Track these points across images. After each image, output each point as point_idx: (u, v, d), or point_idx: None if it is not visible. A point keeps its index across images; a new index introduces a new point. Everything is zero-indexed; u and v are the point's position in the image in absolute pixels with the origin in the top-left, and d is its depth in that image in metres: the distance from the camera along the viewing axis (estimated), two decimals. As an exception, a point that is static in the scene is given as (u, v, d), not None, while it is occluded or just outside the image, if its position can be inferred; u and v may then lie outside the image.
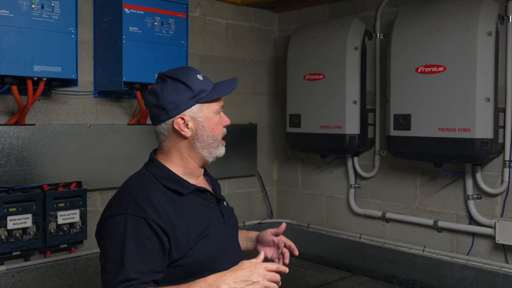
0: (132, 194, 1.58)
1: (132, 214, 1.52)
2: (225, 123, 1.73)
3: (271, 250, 1.92)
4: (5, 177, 2.57)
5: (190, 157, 1.68)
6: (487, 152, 2.62)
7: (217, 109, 1.69)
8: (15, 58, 2.36)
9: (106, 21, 2.84)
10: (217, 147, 1.70)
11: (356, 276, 3.35)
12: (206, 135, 1.66)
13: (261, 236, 1.94)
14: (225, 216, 1.77)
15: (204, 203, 1.70)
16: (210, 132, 1.67)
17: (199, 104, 1.64)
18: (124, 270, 1.47)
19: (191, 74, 1.68)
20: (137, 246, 1.49)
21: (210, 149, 1.69)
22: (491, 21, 2.59)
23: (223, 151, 1.72)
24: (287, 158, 3.92)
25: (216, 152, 1.70)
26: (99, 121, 2.98)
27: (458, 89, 2.64)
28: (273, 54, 3.96)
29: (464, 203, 2.94)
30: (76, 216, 2.77)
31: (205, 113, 1.66)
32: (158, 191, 1.60)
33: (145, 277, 1.48)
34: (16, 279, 2.63)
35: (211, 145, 1.68)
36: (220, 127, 1.71)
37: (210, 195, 1.75)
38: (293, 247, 1.90)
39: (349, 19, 3.25)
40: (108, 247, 1.54)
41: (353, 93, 3.20)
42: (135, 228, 1.49)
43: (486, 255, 2.87)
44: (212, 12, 3.56)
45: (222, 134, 1.72)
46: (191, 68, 1.75)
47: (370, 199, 3.42)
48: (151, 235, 1.51)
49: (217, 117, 1.69)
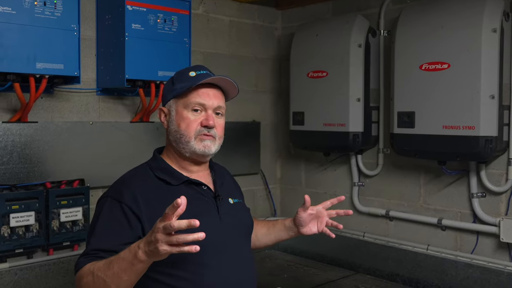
0: (120, 181, 1.73)
1: (111, 197, 1.65)
2: (205, 123, 1.71)
3: (314, 224, 1.90)
4: (8, 174, 2.57)
5: (177, 150, 1.75)
6: (492, 150, 2.60)
7: (188, 104, 1.71)
8: (17, 55, 2.36)
9: (108, 18, 2.84)
10: (187, 143, 1.71)
11: (359, 274, 3.33)
12: (174, 129, 1.73)
13: (298, 220, 1.90)
14: (223, 212, 1.75)
15: (196, 196, 1.72)
16: (176, 126, 1.72)
17: (175, 98, 1.74)
18: (90, 244, 1.60)
19: (185, 71, 1.78)
20: (106, 225, 1.61)
21: (180, 144, 1.72)
22: (496, 18, 2.57)
23: (198, 147, 1.71)
24: (290, 156, 3.91)
25: (188, 147, 1.71)
26: (102, 118, 2.98)
27: (462, 86, 2.62)
28: (276, 51, 3.95)
29: (468, 201, 2.93)
30: (78, 213, 2.77)
31: (177, 107, 1.73)
32: (147, 181, 1.70)
33: (105, 254, 1.55)
34: (19, 276, 2.63)
35: (179, 140, 1.72)
36: (189, 124, 1.70)
37: (208, 189, 1.75)
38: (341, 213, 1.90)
39: (353, 16, 3.24)
40: (91, 222, 1.70)
41: (357, 90, 3.18)
42: (110, 209, 1.60)
43: (490, 254, 2.86)
44: (215, 9, 3.55)
45: (194, 131, 1.70)
46: (194, 66, 1.83)
47: (374, 197, 3.41)
48: (122, 219, 1.60)
49: (189, 112, 1.71)
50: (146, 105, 2.97)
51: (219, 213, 1.75)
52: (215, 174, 1.84)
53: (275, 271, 3.32)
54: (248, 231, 1.91)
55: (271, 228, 2.04)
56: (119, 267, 1.44)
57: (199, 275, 1.65)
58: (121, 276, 1.44)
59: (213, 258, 1.65)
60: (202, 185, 1.75)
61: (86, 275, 1.53)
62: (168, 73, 2.90)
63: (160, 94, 2.93)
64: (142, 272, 1.48)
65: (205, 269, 1.66)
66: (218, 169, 1.91)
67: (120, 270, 1.44)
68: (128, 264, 1.43)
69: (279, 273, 3.28)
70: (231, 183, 1.95)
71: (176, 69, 2.89)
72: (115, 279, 1.45)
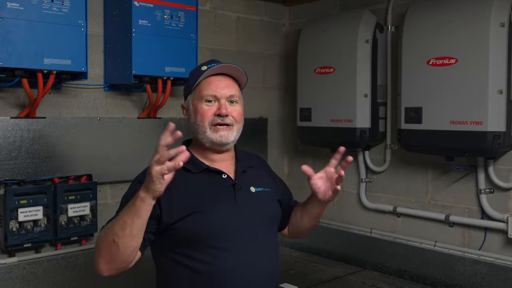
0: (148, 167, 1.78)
1: (137, 179, 1.77)
2: (217, 112, 1.78)
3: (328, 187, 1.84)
4: (16, 169, 2.59)
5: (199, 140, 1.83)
6: (500, 146, 2.58)
7: (201, 96, 1.80)
8: (25, 51, 2.38)
9: (116, 14, 2.85)
10: (204, 133, 1.79)
11: (366, 270, 3.33)
12: (192, 122, 1.83)
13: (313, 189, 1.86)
14: (240, 199, 1.79)
15: (214, 183, 1.79)
16: (194, 119, 1.82)
17: (191, 93, 1.85)
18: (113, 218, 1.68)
19: (198, 66, 1.87)
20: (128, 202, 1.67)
21: (199, 135, 1.81)
22: (503, 12, 2.55)
23: (214, 137, 1.78)
24: (297, 152, 3.91)
25: (205, 137, 1.79)
26: (109, 114, 2.99)
27: (470, 81, 2.61)
28: (284, 47, 3.95)
29: (476, 197, 2.91)
30: (86, 208, 2.79)
31: (193, 101, 1.83)
32: None
33: None
34: (27, 270, 2.65)
35: (198, 131, 1.81)
36: (203, 114, 1.79)
37: (227, 177, 1.81)
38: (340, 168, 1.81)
39: (360, 11, 3.23)
40: None
41: (364, 86, 3.17)
42: (134, 189, 1.66)
43: (498, 250, 2.84)
44: (222, 5, 3.55)
45: (208, 121, 1.78)
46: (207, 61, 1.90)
47: (381, 194, 3.40)
48: None
49: (203, 104, 1.79)
50: (153, 101, 2.98)
51: (236, 200, 1.79)
52: (239, 164, 1.89)
53: (282, 267, 3.31)
54: (270, 220, 1.90)
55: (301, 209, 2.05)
56: (123, 212, 1.58)
57: (215, 257, 1.69)
58: (125, 220, 1.56)
59: (229, 243, 1.69)
60: (222, 173, 1.81)
61: (100, 232, 1.67)
62: (175, 69, 2.91)
63: (167, 90, 2.95)
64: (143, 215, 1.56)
65: (221, 252, 1.69)
66: (246, 159, 1.95)
67: (124, 214, 1.57)
68: (131, 207, 1.55)
69: (286, 269, 3.27)
70: (259, 172, 1.96)
71: (183, 65, 2.94)
72: (120, 229, 1.57)
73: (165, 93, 2.95)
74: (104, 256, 1.61)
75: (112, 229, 1.59)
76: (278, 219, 1.96)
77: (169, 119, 3.15)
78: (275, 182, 2.03)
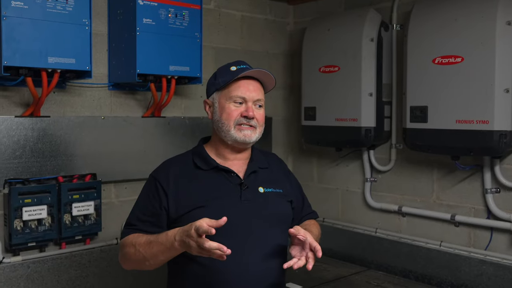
0: (163, 163, 1.97)
1: (152, 175, 1.92)
2: (245, 114, 1.86)
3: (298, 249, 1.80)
4: (21, 168, 2.59)
5: (219, 138, 1.92)
6: (506, 145, 2.56)
7: (230, 96, 1.88)
8: (29, 49, 2.37)
9: (120, 13, 2.85)
10: (228, 132, 1.87)
11: (371, 270, 3.31)
12: (216, 119, 1.91)
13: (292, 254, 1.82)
14: (245, 198, 1.84)
15: (222, 181, 1.87)
16: (219, 116, 1.90)
17: (218, 91, 1.91)
18: (130, 216, 1.90)
19: (226, 65, 1.94)
20: (144, 199, 1.90)
21: (222, 133, 1.89)
22: (510, 11, 2.53)
23: (238, 136, 1.86)
24: (302, 152, 3.90)
25: (229, 136, 1.87)
26: (114, 113, 2.99)
27: (476, 80, 2.59)
28: (288, 46, 3.94)
29: (482, 197, 2.89)
30: (90, 208, 2.79)
31: (220, 99, 1.90)
32: (183, 164, 1.92)
33: (143, 225, 1.84)
34: (31, 269, 2.65)
35: (221, 129, 1.89)
36: (230, 113, 1.87)
37: (236, 176, 1.88)
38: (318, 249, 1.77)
39: (365, 10, 3.21)
40: None
41: (369, 85, 3.16)
42: (148, 184, 1.89)
43: (504, 250, 2.82)
44: (226, 4, 3.54)
45: (234, 121, 1.86)
46: (235, 61, 1.97)
47: (386, 193, 3.38)
48: (155, 193, 1.86)
49: (231, 104, 1.87)
50: (158, 100, 2.98)
51: (241, 199, 1.84)
52: (252, 164, 1.94)
53: (286, 267, 3.30)
54: (278, 221, 1.90)
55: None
56: (158, 249, 1.71)
57: None
58: (158, 256, 1.73)
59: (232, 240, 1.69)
60: (231, 172, 1.88)
61: (129, 246, 1.80)
62: (179, 67, 2.90)
63: (171, 88, 2.94)
64: (177, 254, 1.71)
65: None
66: (262, 159, 2.00)
67: (158, 251, 1.71)
68: (165, 249, 1.69)
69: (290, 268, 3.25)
70: (273, 173, 2.00)
71: (187, 64, 2.94)
72: (153, 257, 1.74)
73: (170, 92, 2.95)
74: (133, 266, 1.85)
75: (144, 255, 1.75)
76: (288, 220, 1.98)
77: (173, 118, 3.15)
78: (290, 184, 2.06)
